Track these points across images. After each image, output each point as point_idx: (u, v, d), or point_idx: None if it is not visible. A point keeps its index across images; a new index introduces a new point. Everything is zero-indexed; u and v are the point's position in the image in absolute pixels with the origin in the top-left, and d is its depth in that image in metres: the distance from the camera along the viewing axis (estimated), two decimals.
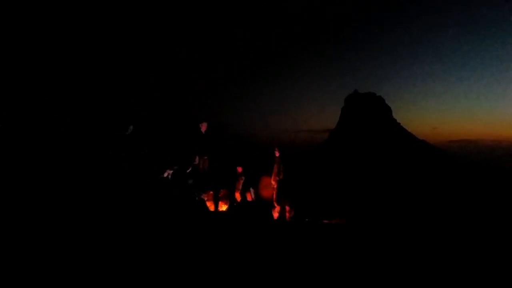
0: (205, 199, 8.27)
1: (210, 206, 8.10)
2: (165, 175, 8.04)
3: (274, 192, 8.88)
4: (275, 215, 8.78)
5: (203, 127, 8.52)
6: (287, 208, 8.83)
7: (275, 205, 8.84)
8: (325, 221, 8.97)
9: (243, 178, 8.87)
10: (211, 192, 8.17)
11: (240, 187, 8.85)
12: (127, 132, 7.74)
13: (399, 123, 73.33)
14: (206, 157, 8.42)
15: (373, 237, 6.82)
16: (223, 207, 8.51)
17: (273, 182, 8.89)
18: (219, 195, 8.35)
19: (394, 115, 74.43)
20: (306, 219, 8.82)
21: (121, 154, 7.40)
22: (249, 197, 8.95)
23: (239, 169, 8.89)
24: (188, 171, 8.31)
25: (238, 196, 8.76)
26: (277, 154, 8.85)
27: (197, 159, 8.41)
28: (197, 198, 7.83)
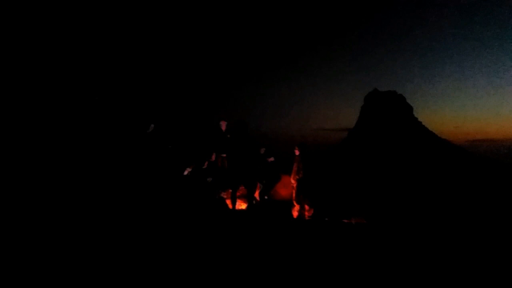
0: (225, 197, 8.31)
1: (230, 204, 8.13)
2: (185, 173, 8.12)
3: (294, 191, 8.83)
4: (295, 214, 8.74)
5: (223, 125, 8.66)
6: (307, 207, 8.76)
7: (295, 204, 8.80)
8: (345, 221, 8.86)
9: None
10: (231, 190, 8.20)
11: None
12: (148, 130, 7.86)
13: (421, 122, 71.73)
14: (225, 155, 8.46)
15: (394, 238, 6.68)
16: (242, 206, 8.54)
17: (292, 181, 8.83)
18: (238, 194, 8.37)
19: (415, 114, 72.92)
20: (326, 218, 8.73)
21: (141, 152, 7.48)
22: (257, 194, 8.79)
23: (297, 152, 8.74)
24: (204, 167, 8.34)
25: (257, 194, 8.75)
26: (297, 152, 8.77)
27: (213, 156, 8.44)
28: (217, 197, 7.88)
